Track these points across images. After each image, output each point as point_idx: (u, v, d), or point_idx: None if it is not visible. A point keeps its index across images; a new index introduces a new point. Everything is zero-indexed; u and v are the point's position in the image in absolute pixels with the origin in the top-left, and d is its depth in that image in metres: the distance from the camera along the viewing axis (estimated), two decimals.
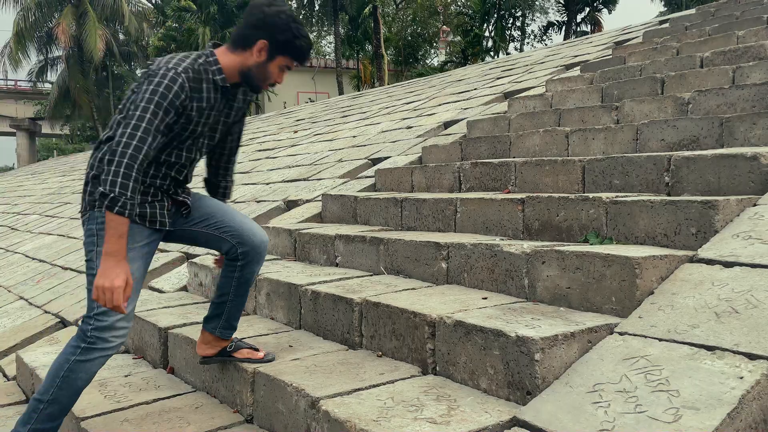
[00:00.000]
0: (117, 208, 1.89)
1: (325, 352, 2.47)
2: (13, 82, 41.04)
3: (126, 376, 2.86)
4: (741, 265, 1.97)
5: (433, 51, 36.99)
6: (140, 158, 1.90)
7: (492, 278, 2.53)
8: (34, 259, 6.41)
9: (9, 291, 5.41)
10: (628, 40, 7.88)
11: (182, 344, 2.81)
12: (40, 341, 3.93)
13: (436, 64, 34.43)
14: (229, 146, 2.41)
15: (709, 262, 2.06)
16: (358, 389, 2.00)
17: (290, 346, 2.57)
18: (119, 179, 1.87)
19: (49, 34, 32.11)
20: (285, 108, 22.19)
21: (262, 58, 2.09)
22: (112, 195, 1.88)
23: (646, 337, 1.81)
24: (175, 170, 2.17)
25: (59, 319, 4.18)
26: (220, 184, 2.46)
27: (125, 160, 1.88)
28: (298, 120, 12.28)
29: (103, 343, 2.04)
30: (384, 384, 2.04)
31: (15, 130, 41.57)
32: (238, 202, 5.83)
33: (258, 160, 8.35)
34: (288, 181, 6.06)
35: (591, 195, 2.68)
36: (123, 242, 1.95)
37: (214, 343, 2.42)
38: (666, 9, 30.66)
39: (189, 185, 2.32)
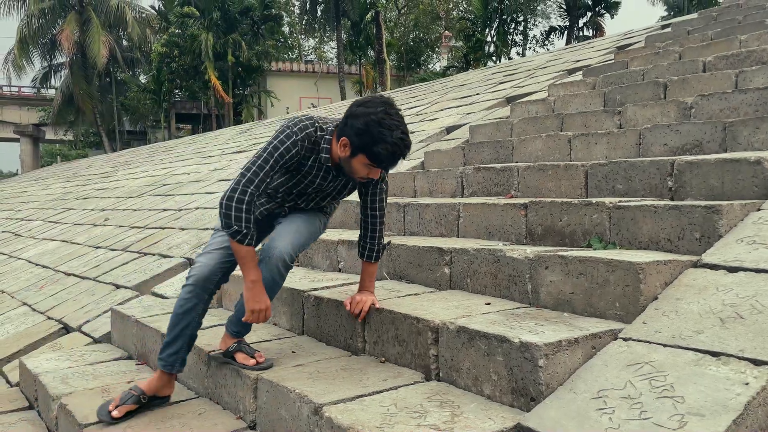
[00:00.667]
0: (246, 241, 2.23)
1: (328, 358, 2.46)
2: (17, 89, 41.22)
3: (129, 382, 2.85)
4: (745, 270, 1.96)
5: (435, 56, 37.05)
6: (247, 199, 2.19)
7: (495, 283, 2.52)
8: (37, 264, 6.42)
9: (12, 297, 5.41)
10: (631, 44, 7.88)
11: None
12: (43, 347, 3.92)
13: (438, 69, 34.46)
14: (363, 209, 2.50)
15: (714, 267, 2.05)
16: (362, 395, 1.99)
17: (293, 352, 2.56)
18: (235, 214, 2.19)
19: (52, 41, 32.25)
20: (288, 114, 22.23)
21: (345, 154, 2.22)
22: (235, 228, 2.19)
23: (650, 342, 1.80)
24: (279, 196, 2.47)
25: (62, 325, 4.18)
26: (359, 243, 2.55)
27: (235, 202, 2.18)
28: None
29: (189, 275, 2.44)
30: (387, 390, 2.03)
31: (19, 136, 41.73)
32: None
33: None
34: None
35: (594, 200, 2.67)
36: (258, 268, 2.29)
37: (226, 339, 2.50)
38: (667, 14, 30.69)
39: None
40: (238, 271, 2.49)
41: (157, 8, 33.83)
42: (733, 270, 1.99)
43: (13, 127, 41.40)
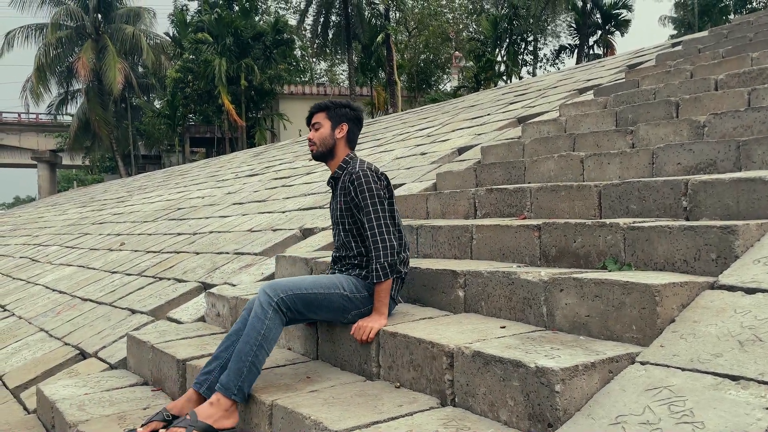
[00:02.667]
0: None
1: (343, 383, 2.45)
2: (34, 116, 42.00)
3: (145, 408, 2.86)
4: (764, 291, 1.94)
5: (445, 76, 37.30)
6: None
7: (510, 306, 2.51)
8: (54, 290, 6.48)
9: (29, 323, 5.46)
10: (641, 63, 7.89)
11: None
12: (59, 374, 3.94)
13: (448, 89, 34.68)
14: None
15: (731, 288, 2.03)
16: (377, 422, 1.98)
17: (308, 377, 2.56)
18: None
19: (69, 69, 32.93)
20: (300, 136, 22.42)
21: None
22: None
23: (668, 366, 1.78)
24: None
25: (79, 351, 4.21)
26: None
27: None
28: None
29: None
30: (403, 416, 2.01)
31: (36, 162, 42.41)
32: (254, 231, 5.87)
33: (274, 188, 8.42)
34: (304, 209, 6.09)
35: (608, 221, 2.66)
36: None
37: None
38: (677, 32, 30.72)
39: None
40: None
41: (171, 35, 34.48)
42: (750, 291, 1.97)
43: (30, 154, 42.13)
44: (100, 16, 33.60)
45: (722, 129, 3.72)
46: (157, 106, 34.90)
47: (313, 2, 30.46)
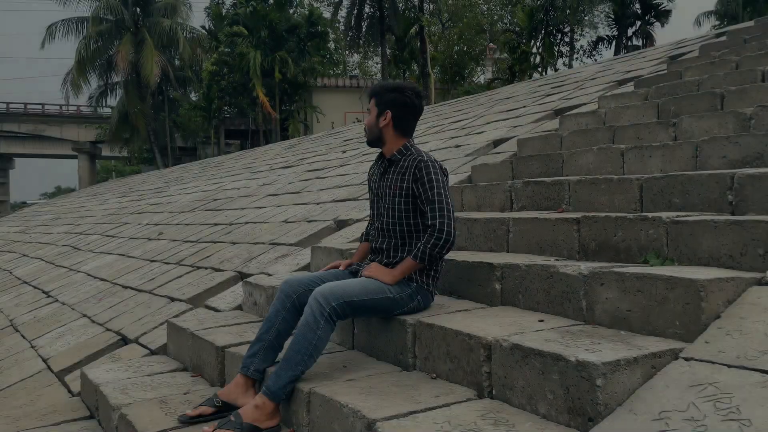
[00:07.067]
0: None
1: (379, 373, 2.46)
2: (75, 108, 43.04)
3: (185, 393, 2.92)
4: None
5: (479, 68, 36.93)
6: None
7: (548, 300, 2.49)
8: (95, 278, 6.66)
9: (73, 309, 5.62)
10: (684, 54, 7.69)
11: (239, 363, 2.85)
12: (102, 358, 4.06)
13: (482, 81, 34.34)
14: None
15: None
16: (414, 412, 1.98)
17: (344, 367, 2.58)
18: None
19: (108, 61, 33.63)
20: (333, 128, 22.51)
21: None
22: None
23: (713, 363, 1.74)
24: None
25: (120, 337, 4.32)
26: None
27: None
28: (346, 140, 12.43)
29: None
30: (440, 407, 2.02)
31: (77, 153, 43.54)
32: (289, 222, 5.93)
33: (308, 180, 8.48)
34: (338, 201, 6.13)
35: (650, 215, 2.61)
36: None
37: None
38: (719, 23, 29.83)
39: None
40: None
41: (207, 28, 34.90)
42: None
43: (71, 145, 43.26)
44: (138, 9, 34.20)
45: None
46: (193, 99, 35.43)
47: None
